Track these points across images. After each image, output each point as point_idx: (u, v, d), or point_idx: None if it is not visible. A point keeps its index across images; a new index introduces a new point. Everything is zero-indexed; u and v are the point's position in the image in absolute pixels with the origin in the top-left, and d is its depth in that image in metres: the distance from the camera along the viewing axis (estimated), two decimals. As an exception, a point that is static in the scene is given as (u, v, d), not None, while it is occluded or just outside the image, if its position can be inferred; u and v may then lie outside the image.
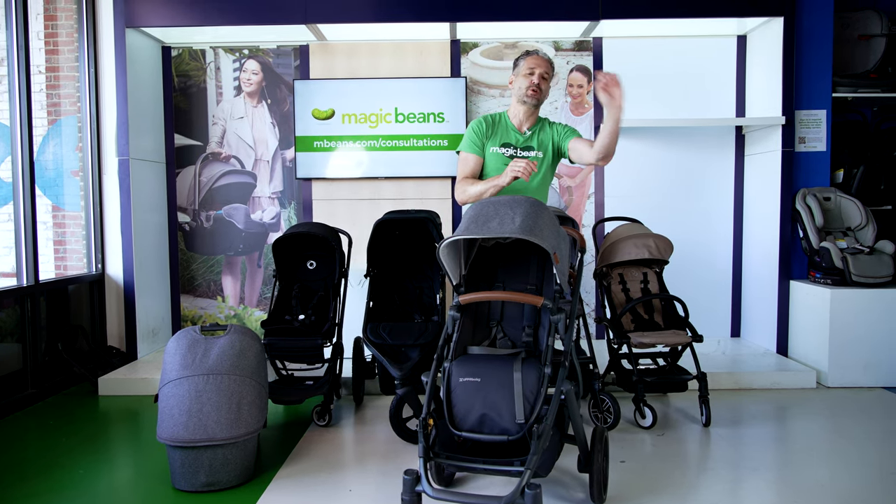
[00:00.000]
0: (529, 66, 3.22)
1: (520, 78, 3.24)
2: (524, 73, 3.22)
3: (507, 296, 2.36)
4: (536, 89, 3.19)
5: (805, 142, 4.38)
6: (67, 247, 4.67)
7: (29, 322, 3.83)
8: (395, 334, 3.19)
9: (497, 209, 2.29)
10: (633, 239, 3.49)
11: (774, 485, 2.65)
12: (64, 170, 4.67)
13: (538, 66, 3.21)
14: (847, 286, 3.99)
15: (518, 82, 3.25)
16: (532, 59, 3.23)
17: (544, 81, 3.22)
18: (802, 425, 3.38)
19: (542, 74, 3.20)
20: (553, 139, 3.26)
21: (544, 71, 3.21)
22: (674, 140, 4.78)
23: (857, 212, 4.24)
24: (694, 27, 4.57)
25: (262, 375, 2.82)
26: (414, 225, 3.42)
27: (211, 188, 4.87)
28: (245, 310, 4.93)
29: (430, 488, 2.04)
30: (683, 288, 3.88)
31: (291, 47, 4.81)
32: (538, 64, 3.21)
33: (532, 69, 3.20)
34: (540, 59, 3.23)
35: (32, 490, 2.64)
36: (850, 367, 3.95)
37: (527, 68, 3.22)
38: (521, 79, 3.23)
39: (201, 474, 2.56)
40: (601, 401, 3.26)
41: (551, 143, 3.26)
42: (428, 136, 4.71)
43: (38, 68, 4.55)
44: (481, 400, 2.16)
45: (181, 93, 4.84)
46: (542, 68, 3.21)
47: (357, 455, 3.05)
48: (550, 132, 3.28)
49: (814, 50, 4.34)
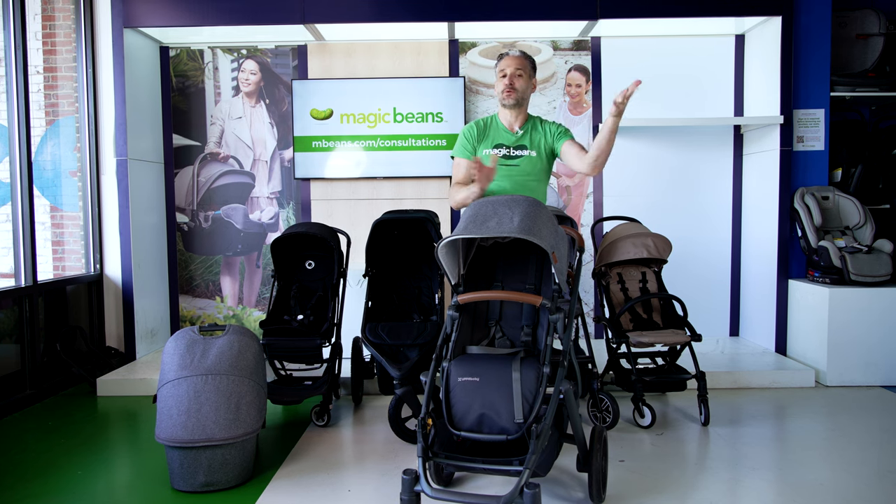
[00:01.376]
0: (501, 68, 3.22)
1: (497, 82, 3.25)
2: (499, 77, 3.23)
3: (505, 295, 2.36)
4: (510, 90, 3.17)
5: (803, 141, 4.39)
6: (66, 247, 4.67)
7: (27, 323, 3.82)
8: (394, 334, 3.19)
9: (496, 209, 2.29)
10: (631, 238, 3.49)
11: (773, 484, 2.65)
12: (62, 170, 4.66)
13: (508, 65, 3.19)
14: (845, 285, 3.99)
15: (496, 86, 3.25)
16: (504, 61, 3.22)
17: (519, 79, 3.18)
18: (801, 424, 3.38)
19: (514, 73, 3.17)
20: (546, 139, 3.22)
21: (515, 68, 3.18)
22: (672, 139, 4.79)
23: (856, 211, 4.25)
24: (692, 26, 4.57)
25: (261, 375, 2.82)
26: (412, 225, 3.42)
27: (209, 188, 4.86)
28: (243, 310, 4.93)
29: (428, 488, 2.04)
30: (682, 287, 3.89)
31: (290, 47, 4.81)
32: (508, 64, 3.19)
33: (503, 70, 3.20)
34: (510, 59, 3.21)
35: (31, 491, 2.64)
36: (849, 365, 3.96)
37: (499, 71, 3.23)
38: (498, 82, 3.24)
39: (200, 474, 2.56)
40: (600, 400, 3.26)
41: (544, 143, 3.22)
42: (426, 135, 4.71)
43: (35, 68, 4.54)
44: (480, 399, 2.16)
45: (179, 93, 4.84)
46: (512, 67, 3.18)
47: (356, 455, 3.04)
48: (543, 132, 3.24)
49: (812, 49, 4.35)
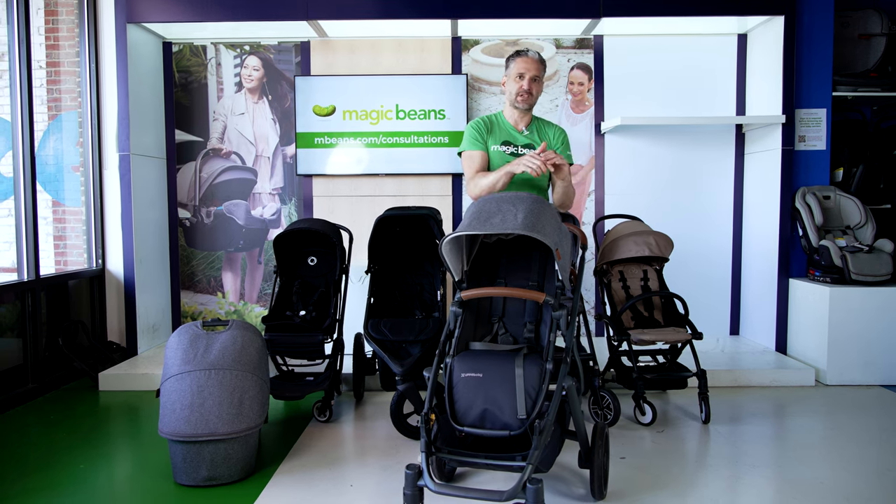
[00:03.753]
0: (519, 69, 3.11)
1: (510, 81, 3.15)
2: (514, 77, 3.13)
3: (508, 292, 2.37)
4: (527, 94, 3.10)
5: (805, 140, 4.39)
6: (68, 242, 4.67)
7: (29, 317, 3.83)
8: (396, 330, 3.20)
9: (499, 205, 2.30)
10: (633, 236, 3.49)
11: (773, 482, 2.66)
12: (64, 165, 4.66)
13: (528, 69, 3.10)
14: (846, 284, 4.00)
15: (509, 85, 3.16)
16: (522, 62, 3.11)
17: (535, 84, 3.12)
18: (801, 423, 3.39)
19: (533, 77, 3.10)
20: (549, 144, 3.18)
21: (534, 73, 3.10)
22: (674, 138, 4.79)
23: (857, 210, 4.25)
24: (694, 25, 4.57)
25: (264, 371, 2.83)
26: (415, 221, 3.42)
27: (211, 184, 4.87)
28: (245, 306, 4.93)
29: (432, 483, 2.05)
30: (683, 285, 3.90)
31: (292, 43, 4.81)
32: (528, 67, 3.10)
33: (522, 73, 3.10)
34: (530, 62, 3.11)
35: (33, 485, 2.65)
36: (849, 365, 3.96)
37: (516, 72, 3.12)
38: (512, 83, 3.14)
39: (203, 469, 2.57)
40: (601, 397, 3.27)
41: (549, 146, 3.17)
42: (429, 132, 4.72)
43: (38, 63, 4.54)
44: (483, 395, 2.17)
45: (182, 88, 4.84)
46: (532, 71, 3.10)
47: (358, 450, 3.05)
48: (547, 136, 3.22)
49: (814, 49, 4.35)
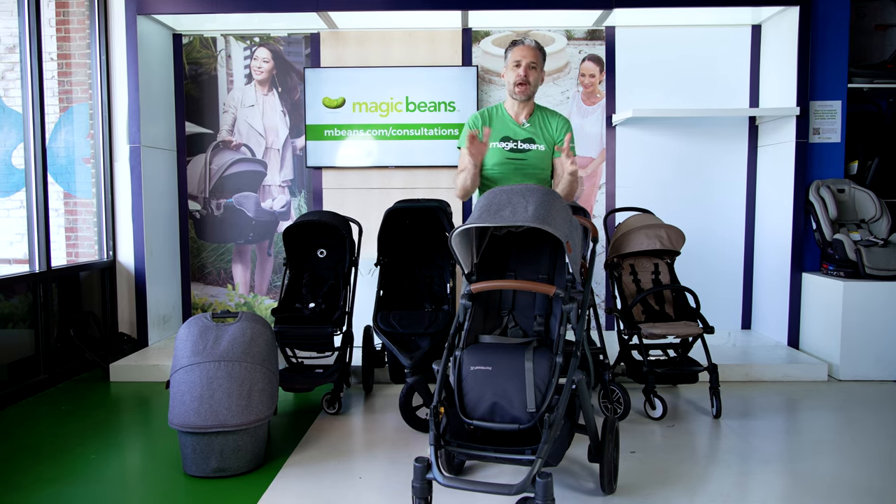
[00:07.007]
0: (515, 57, 3.08)
1: (508, 71, 3.12)
2: (511, 66, 3.10)
3: (518, 284, 2.35)
4: (524, 82, 3.07)
5: (819, 133, 4.34)
6: (79, 234, 4.70)
7: (41, 308, 3.85)
8: (406, 323, 3.19)
9: (510, 197, 2.28)
10: (644, 229, 3.46)
11: (784, 477, 2.64)
12: (75, 157, 4.68)
13: (524, 56, 3.07)
14: (860, 279, 3.95)
15: (507, 76, 3.13)
16: (518, 50, 3.08)
17: (532, 71, 3.08)
18: (813, 418, 3.36)
19: (529, 65, 3.06)
20: (552, 136, 3.17)
21: (531, 61, 3.07)
22: (686, 130, 4.74)
23: (872, 204, 4.20)
24: (708, 16, 4.51)
25: (273, 363, 2.83)
26: (424, 214, 3.41)
27: (221, 176, 4.87)
28: (255, 298, 4.94)
29: (440, 476, 2.04)
30: (695, 279, 3.86)
31: (302, 35, 4.80)
32: (524, 54, 3.07)
33: (518, 61, 3.07)
34: (526, 49, 3.08)
35: (45, 475, 2.67)
36: (862, 360, 3.92)
37: (513, 60, 3.09)
38: (509, 72, 3.11)
39: (212, 460, 2.58)
40: (611, 391, 3.25)
41: (551, 139, 3.17)
42: (439, 125, 4.69)
43: (49, 55, 4.55)
44: (492, 388, 2.16)
45: (192, 80, 4.84)
46: (528, 58, 3.06)
47: (366, 443, 3.06)
48: (550, 127, 3.19)
49: (829, 40, 4.29)
